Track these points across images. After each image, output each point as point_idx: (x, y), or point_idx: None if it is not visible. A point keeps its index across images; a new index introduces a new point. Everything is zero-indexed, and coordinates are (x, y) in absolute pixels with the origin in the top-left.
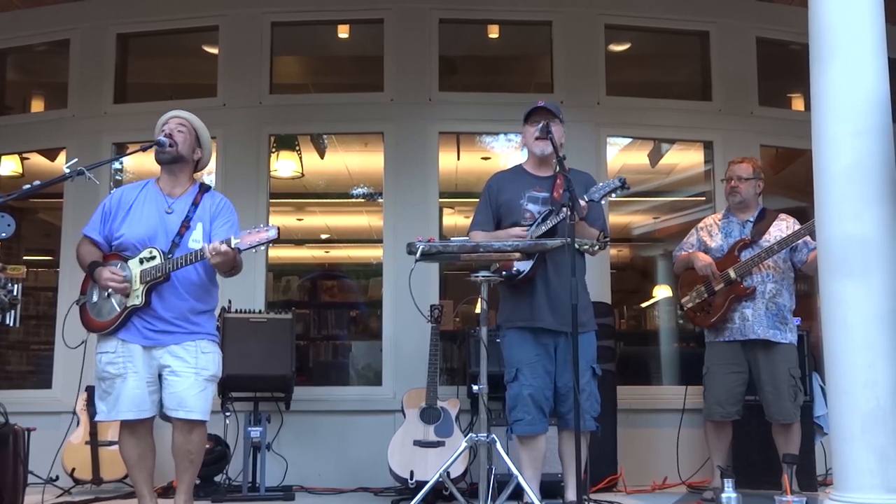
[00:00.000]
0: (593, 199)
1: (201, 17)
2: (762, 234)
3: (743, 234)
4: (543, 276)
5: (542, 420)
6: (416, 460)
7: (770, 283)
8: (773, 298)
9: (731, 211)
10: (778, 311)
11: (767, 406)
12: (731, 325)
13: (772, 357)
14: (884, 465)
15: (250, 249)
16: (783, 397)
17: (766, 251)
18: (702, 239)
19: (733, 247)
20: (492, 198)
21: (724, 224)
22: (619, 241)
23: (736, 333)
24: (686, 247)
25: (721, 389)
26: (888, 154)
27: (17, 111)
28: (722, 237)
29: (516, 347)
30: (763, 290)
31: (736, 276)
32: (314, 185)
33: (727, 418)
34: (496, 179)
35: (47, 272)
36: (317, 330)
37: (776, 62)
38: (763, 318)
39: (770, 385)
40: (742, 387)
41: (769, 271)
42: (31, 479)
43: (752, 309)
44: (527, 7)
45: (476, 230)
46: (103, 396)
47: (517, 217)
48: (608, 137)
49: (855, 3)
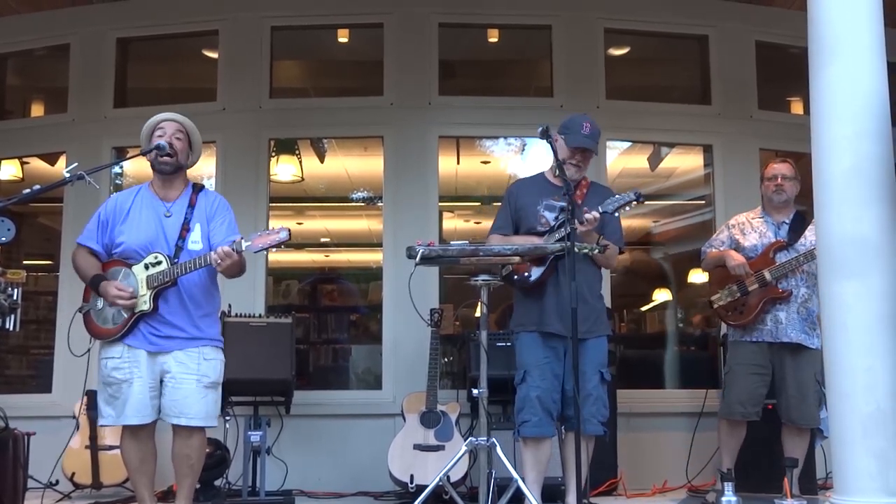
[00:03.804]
0: (607, 210)
1: (201, 22)
2: (798, 237)
3: (778, 236)
4: (554, 282)
5: (549, 423)
6: (416, 464)
7: (803, 287)
8: (805, 303)
9: (766, 211)
10: (808, 316)
11: (789, 410)
12: (762, 326)
13: (799, 361)
14: (884, 469)
15: (262, 251)
16: (808, 402)
17: (804, 255)
18: (734, 237)
19: (768, 248)
20: (511, 203)
21: (758, 223)
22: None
23: (767, 335)
24: (716, 243)
25: (743, 389)
26: (887, 156)
27: (17, 116)
28: (756, 237)
29: (526, 350)
30: (797, 295)
31: (771, 278)
32: (314, 189)
33: (747, 418)
34: (517, 185)
35: (47, 276)
36: (317, 334)
37: (775, 66)
38: (796, 321)
39: (795, 389)
40: (764, 388)
41: (803, 276)
42: (31, 484)
43: (785, 312)
44: (526, 11)
45: (495, 234)
46: (109, 401)
47: (533, 222)
48: (608, 141)
49: (854, 5)
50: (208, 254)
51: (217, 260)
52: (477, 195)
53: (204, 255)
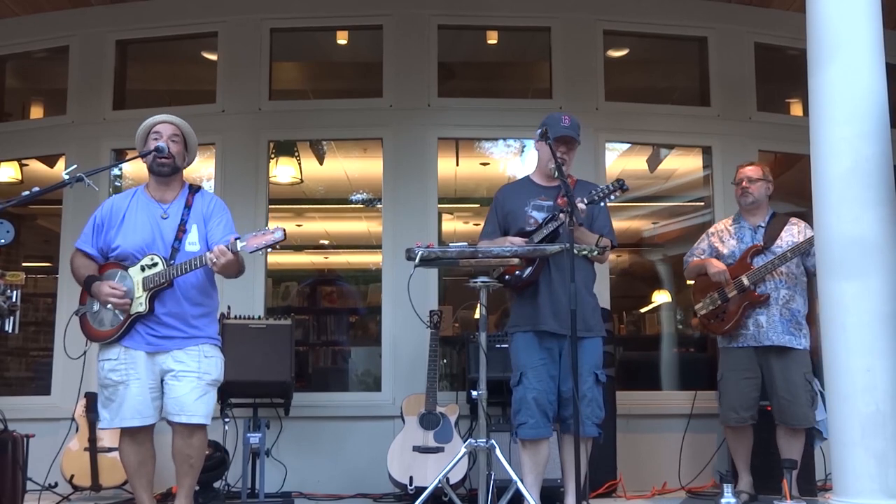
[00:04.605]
0: (592, 201)
1: (200, 24)
2: (774, 239)
3: (755, 240)
4: (547, 281)
5: (546, 424)
6: (416, 466)
7: (783, 289)
8: (787, 304)
9: (742, 215)
10: (792, 317)
11: (782, 411)
12: (745, 331)
13: (786, 363)
14: (883, 470)
15: (257, 252)
16: (800, 402)
17: (779, 258)
18: (713, 245)
19: (745, 253)
20: (499, 209)
21: (735, 229)
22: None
23: (750, 340)
24: (697, 252)
25: (735, 395)
26: (886, 157)
27: (16, 117)
28: (734, 243)
29: (522, 351)
30: (777, 297)
31: (749, 283)
32: (313, 191)
33: (742, 423)
34: (503, 191)
35: (46, 279)
36: (316, 336)
37: (774, 67)
38: (777, 324)
39: (785, 391)
40: (756, 392)
41: (782, 278)
42: (30, 486)
43: (766, 316)
44: (525, 13)
45: (484, 240)
46: (106, 404)
47: (522, 224)
48: (607, 143)
49: (853, 6)
50: (204, 254)
51: (213, 259)
52: (476, 197)
53: (200, 256)
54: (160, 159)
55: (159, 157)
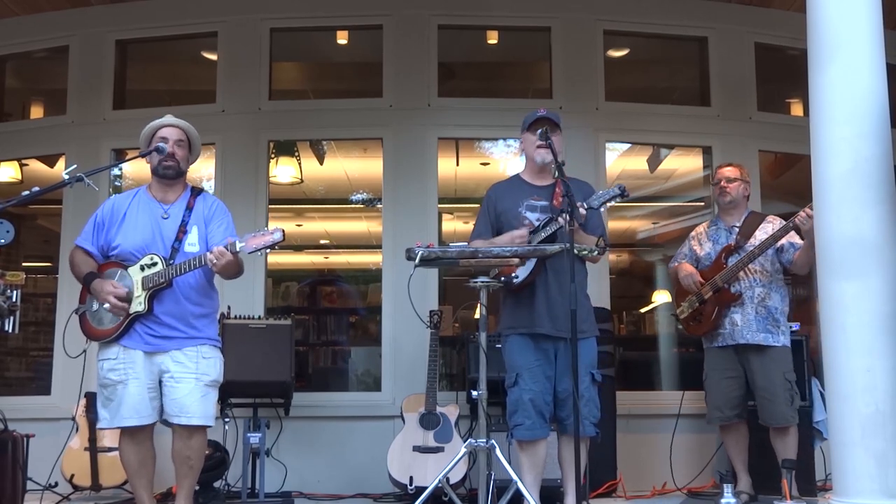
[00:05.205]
0: (592, 206)
1: (200, 24)
2: (748, 238)
3: (730, 240)
4: (543, 282)
5: (543, 425)
6: (416, 466)
7: (758, 287)
8: (763, 302)
9: (719, 217)
10: (769, 315)
11: (762, 410)
12: (722, 331)
13: (765, 361)
14: (883, 470)
15: (256, 252)
16: (778, 401)
17: (748, 255)
18: (693, 248)
19: (720, 253)
20: (490, 208)
21: (711, 231)
22: (618, 247)
23: (728, 339)
24: (679, 257)
25: (718, 395)
26: (887, 157)
27: (16, 117)
28: (710, 245)
29: (517, 352)
30: (752, 295)
31: (722, 282)
32: (313, 190)
33: (727, 422)
34: (494, 189)
35: (46, 278)
36: (316, 336)
37: (774, 67)
38: (752, 322)
39: (763, 390)
40: (739, 390)
41: (756, 275)
42: (30, 486)
43: (740, 314)
44: (525, 13)
45: (476, 240)
46: (105, 404)
47: (516, 225)
48: (607, 143)
49: (853, 6)
50: (203, 255)
51: (212, 259)
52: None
53: (199, 256)
54: (165, 162)
55: (164, 161)
